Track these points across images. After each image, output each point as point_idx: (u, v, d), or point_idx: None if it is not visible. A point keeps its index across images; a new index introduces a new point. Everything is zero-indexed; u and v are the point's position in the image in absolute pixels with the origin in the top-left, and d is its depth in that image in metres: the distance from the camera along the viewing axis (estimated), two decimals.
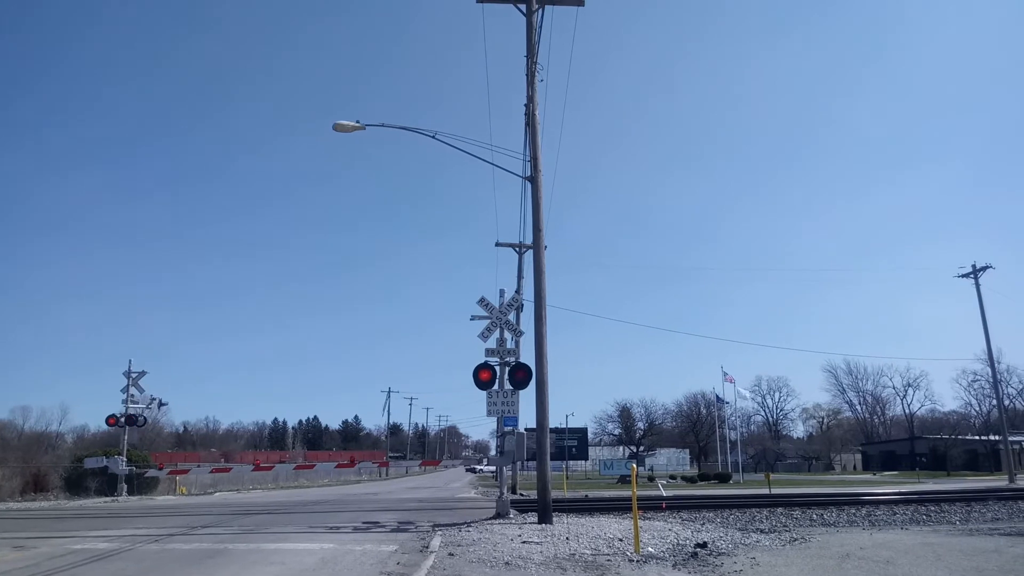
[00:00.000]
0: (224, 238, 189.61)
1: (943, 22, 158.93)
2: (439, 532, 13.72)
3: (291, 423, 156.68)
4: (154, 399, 34.27)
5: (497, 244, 35.17)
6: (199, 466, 45.91)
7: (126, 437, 32.57)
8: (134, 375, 32.25)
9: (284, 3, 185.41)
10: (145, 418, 34.10)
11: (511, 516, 17.04)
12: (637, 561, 10.25)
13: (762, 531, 14.61)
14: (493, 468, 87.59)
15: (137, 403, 32.54)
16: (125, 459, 31.63)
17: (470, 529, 14.20)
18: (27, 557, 11.16)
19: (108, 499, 29.60)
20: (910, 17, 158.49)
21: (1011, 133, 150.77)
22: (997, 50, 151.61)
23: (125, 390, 32.09)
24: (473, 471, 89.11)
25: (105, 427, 41.21)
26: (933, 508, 19.79)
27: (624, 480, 50.46)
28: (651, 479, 50.31)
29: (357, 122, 17.57)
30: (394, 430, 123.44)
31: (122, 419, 32.08)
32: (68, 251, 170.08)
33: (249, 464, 50.29)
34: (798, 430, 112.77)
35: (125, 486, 31.38)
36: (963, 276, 45.75)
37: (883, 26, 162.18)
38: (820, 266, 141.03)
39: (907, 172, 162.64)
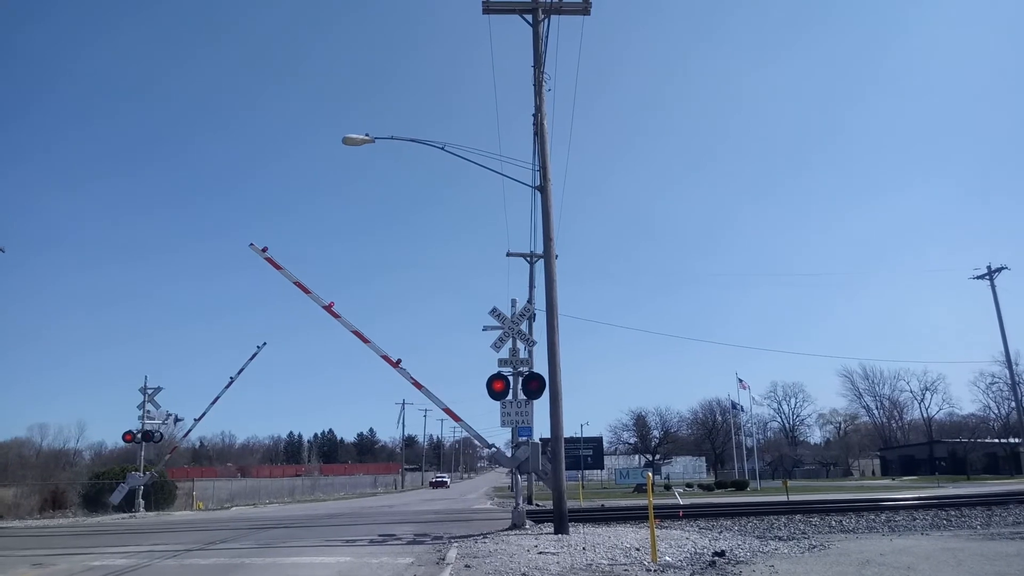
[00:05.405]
0: (237, 250, 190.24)
1: (952, 27, 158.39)
2: (455, 544, 13.69)
3: (306, 437, 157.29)
4: (170, 415, 34.65)
5: (508, 254, 35.16)
6: (215, 481, 46.14)
7: (143, 453, 32.81)
8: (150, 391, 32.50)
9: (292, 18, 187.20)
10: (161, 434, 34.38)
11: (527, 527, 16.98)
12: (654, 571, 10.18)
13: (780, 539, 14.47)
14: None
15: (153, 419, 32.83)
16: (142, 475, 31.85)
17: (486, 540, 14.16)
18: (46, 575, 11.24)
19: (126, 515, 29.76)
20: (919, 22, 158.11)
21: None
22: (1006, 53, 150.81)
23: (141, 406, 32.34)
24: (443, 484, 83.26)
25: (122, 443, 41.62)
26: (953, 513, 19.51)
27: (640, 489, 50.18)
28: (667, 487, 50.03)
29: (367, 135, 17.64)
30: (409, 442, 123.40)
31: (139, 435, 32.32)
32: (82, 266, 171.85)
33: (266, 478, 50.44)
34: (815, 436, 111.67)
35: (142, 502, 31.56)
36: (978, 278, 45.40)
37: (892, 31, 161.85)
38: (834, 270, 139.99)
39: (920, 175, 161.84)
